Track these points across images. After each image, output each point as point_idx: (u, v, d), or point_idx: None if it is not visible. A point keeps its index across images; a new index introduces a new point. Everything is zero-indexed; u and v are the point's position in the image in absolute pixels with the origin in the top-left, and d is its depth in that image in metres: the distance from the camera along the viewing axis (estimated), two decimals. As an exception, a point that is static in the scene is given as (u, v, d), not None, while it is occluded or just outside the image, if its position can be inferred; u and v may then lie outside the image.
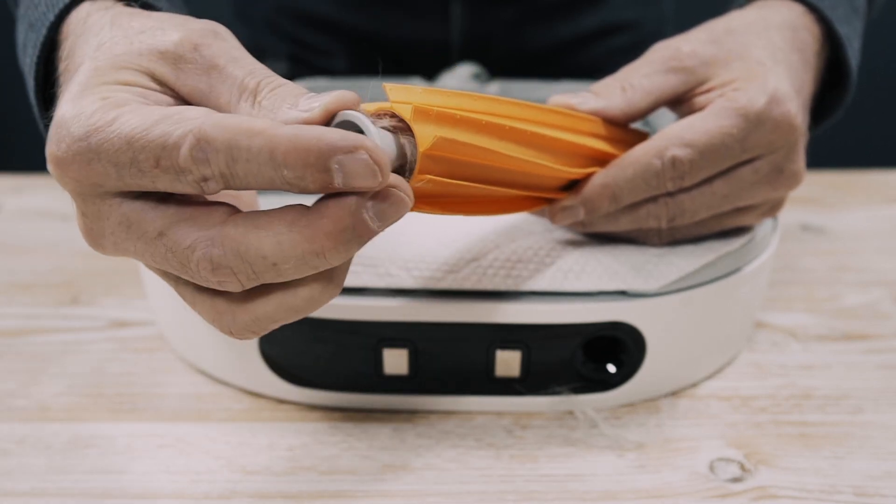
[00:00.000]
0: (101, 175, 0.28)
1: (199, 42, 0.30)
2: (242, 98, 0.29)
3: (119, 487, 0.37)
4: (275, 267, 0.28)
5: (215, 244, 0.28)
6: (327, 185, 0.26)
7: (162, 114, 0.27)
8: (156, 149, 0.26)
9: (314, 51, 0.73)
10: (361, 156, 0.26)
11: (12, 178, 0.71)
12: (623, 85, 0.39)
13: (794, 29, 0.42)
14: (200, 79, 0.30)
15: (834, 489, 0.37)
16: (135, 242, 0.29)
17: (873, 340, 0.48)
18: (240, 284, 0.28)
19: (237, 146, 0.26)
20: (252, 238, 0.27)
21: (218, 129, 0.26)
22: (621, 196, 0.38)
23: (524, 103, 0.35)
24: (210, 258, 0.28)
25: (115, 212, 0.29)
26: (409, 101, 0.30)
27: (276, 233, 0.27)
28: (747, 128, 0.37)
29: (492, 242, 0.41)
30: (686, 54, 0.39)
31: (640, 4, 0.75)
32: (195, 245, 0.28)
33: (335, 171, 0.26)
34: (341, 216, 0.27)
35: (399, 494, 0.37)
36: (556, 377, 0.41)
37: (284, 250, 0.27)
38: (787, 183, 0.40)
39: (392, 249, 0.40)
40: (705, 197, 0.39)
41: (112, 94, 0.29)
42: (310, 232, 0.27)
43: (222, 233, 0.28)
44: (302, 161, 0.26)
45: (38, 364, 0.46)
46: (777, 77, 0.38)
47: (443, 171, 0.31)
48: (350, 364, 0.40)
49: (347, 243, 0.28)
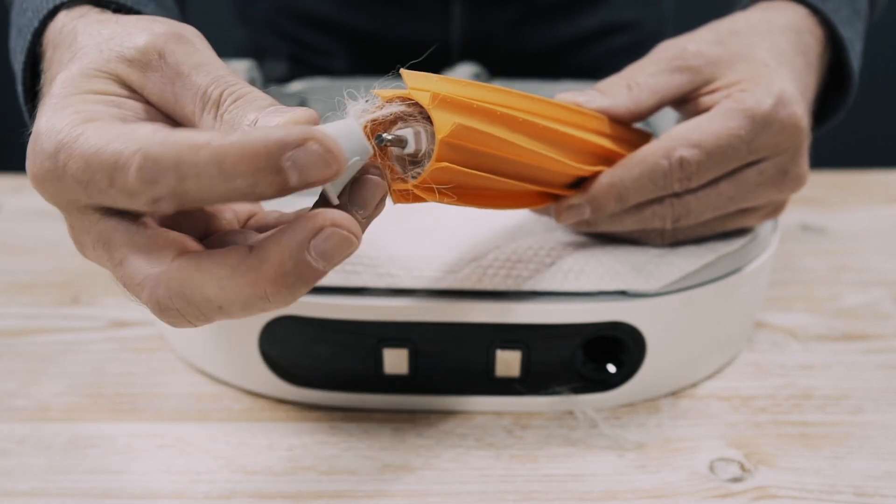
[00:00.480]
0: (72, 192, 0.27)
1: (164, 48, 0.30)
2: (205, 111, 0.29)
3: (119, 487, 0.37)
4: (221, 310, 0.27)
5: (160, 285, 0.27)
6: (284, 187, 0.25)
7: (118, 132, 0.26)
8: (108, 168, 0.26)
9: (314, 51, 0.73)
10: (312, 147, 0.25)
11: (12, 178, 0.71)
12: (629, 83, 0.39)
13: (799, 32, 0.42)
14: (167, 87, 0.30)
15: (834, 489, 0.37)
16: (107, 262, 0.29)
17: (873, 340, 0.48)
18: (189, 324, 0.28)
19: (184, 162, 0.24)
20: (196, 282, 0.27)
21: (163, 147, 0.25)
22: (628, 196, 0.38)
23: (535, 97, 0.35)
24: (157, 300, 0.27)
25: (95, 228, 0.28)
26: (427, 88, 0.30)
27: (218, 277, 0.26)
28: (754, 129, 0.37)
29: (492, 242, 0.41)
30: (692, 54, 0.39)
31: (639, 4, 0.74)
32: (144, 284, 0.27)
33: (289, 170, 0.24)
34: (283, 261, 0.26)
35: (399, 494, 0.37)
36: (556, 377, 0.41)
37: (228, 295, 0.26)
38: (791, 185, 0.40)
39: (392, 249, 0.40)
40: (711, 198, 0.39)
41: (85, 106, 0.28)
42: (252, 277, 0.26)
43: (168, 275, 0.27)
44: (252, 167, 0.24)
45: (38, 364, 0.46)
46: (782, 79, 0.38)
47: (459, 160, 0.31)
48: (350, 364, 0.40)
49: (291, 287, 0.26)
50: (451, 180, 0.31)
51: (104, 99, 0.29)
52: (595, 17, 0.72)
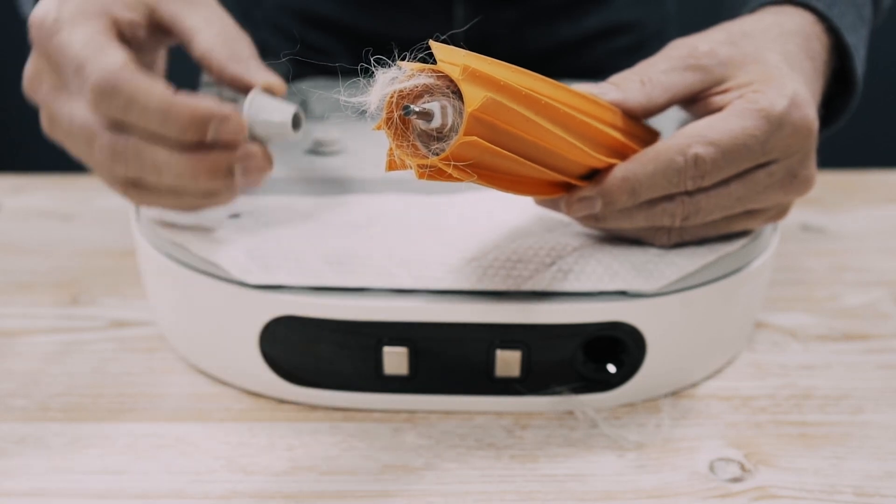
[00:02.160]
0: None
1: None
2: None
3: (119, 487, 0.37)
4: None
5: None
6: (202, 137, 0.37)
7: (89, 38, 0.37)
8: (73, 65, 0.37)
9: (317, 51, 0.73)
10: (230, 124, 0.37)
11: (12, 178, 0.71)
12: (642, 79, 0.39)
13: (807, 37, 0.42)
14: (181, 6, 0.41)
15: (834, 489, 0.37)
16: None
17: (873, 340, 0.48)
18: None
19: (136, 99, 0.36)
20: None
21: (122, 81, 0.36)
22: (640, 191, 0.38)
23: (555, 83, 0.35)
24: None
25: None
26: (457, 62, 0.29)
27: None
28: (769, 130, 0.37)
29: (492, 242, 0.41)
30: (704, 53, 0.39)
31: (642, 5, 0.74)
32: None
33: (211, 129, 0.37)
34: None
35: (399, 494, 0.37)
36: (556, 377, 0.41)
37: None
38: (799, 188, 0.40)
39: (392, 249, 0.40)
40: (721, 198, 0.39)
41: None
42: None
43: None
44: (188, 122, 0.36)
45: (38, 364, 0.46)
46: (794, 81, 0.39)
47: (486, 136, 0.30)
48: (350, 364, 0.40)
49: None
50: (475, 158, 0.31)
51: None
52: (598, 18, 0.72)
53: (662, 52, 0.40)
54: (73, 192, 0.68)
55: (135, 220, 0.45)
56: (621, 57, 0.46)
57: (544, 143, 0.33)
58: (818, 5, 0.43)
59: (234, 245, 0.40)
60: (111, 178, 0.40)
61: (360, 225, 0.43)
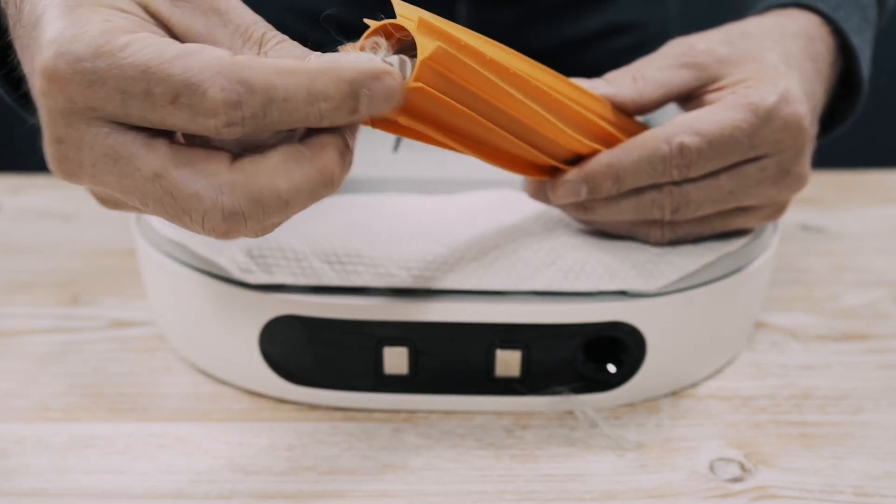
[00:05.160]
0: (102, 100, 0.26)
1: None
2: (246, 46, 0.29)
3: (119, 487, 0.37)
4: (288, 205, 0.28)
5: (223, 192, 0.27)
6: (354, 114, 0.28)
7: (181, 49, 0.26)
8: (177, 84, 0.26)
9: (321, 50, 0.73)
10: (388, 81, 0.28)
11: (12, 178, 0.71)
12: (635, 75, 0.40)
13: (810, 39, 0.42)
14: (198, 20, 0.30)
15: (834, 489, 0.37)
16: (121, 179, 0.28)
17: (873, 340, 0.48)
18: (248, 230, 0.29)
19: (274, 86, 0.26)
20: (264, 180, 0.27)
21: (253, 70, 0.26)
22: (625, 178, 0.38)
23: (538, 64, 0.35)
24: (222, 206, 0.27)
25: (102, 143, 0.27)
26: (413, 17, 0.30)
27: (286, 170, 0.28)
28: (757, 123, 0.37)
29: (492, 242, 0.41)
30: (700, 51, 0.40)
31: (644, 4, 0.74)
32: (201, 194, 0.27)
33: (363, 97, 0.28)
34: (340, 142, 0.29)
35: (399, 494, 0.37)
36: (556, 377, 0.41)
37: (298, 185, 0.28)
38: (791, 185, 0.40)
39: (392, 249, 0.40)
40: (710, 190, 0.39)
41: (115, 18, 0.27)
42: (318, 163, 0.28)
43: (231, 179, 0.27)
44: (340, 91, 0.27)
45: (38, 364, 0.46)
46: (789, 80, 0.39)
47: (439, 87, 0.31)
48: (350, 364, 0.40)
49: (350, 165, 0.29)
50: (429, 110, 0.31)
51: (131, 18, 0.28)
52: (599, 18, 0.72)
53: (660, 50, 0.41)
54: (73, 192, 0.68)
55: (135, 221, 0.45)
56: (623, 57, 0.46)
57: (511, 110, 0.34)
58: (824, 7, 0.43)
59: (234, 245, 0.40)
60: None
61: (360, 225, 0.43)
